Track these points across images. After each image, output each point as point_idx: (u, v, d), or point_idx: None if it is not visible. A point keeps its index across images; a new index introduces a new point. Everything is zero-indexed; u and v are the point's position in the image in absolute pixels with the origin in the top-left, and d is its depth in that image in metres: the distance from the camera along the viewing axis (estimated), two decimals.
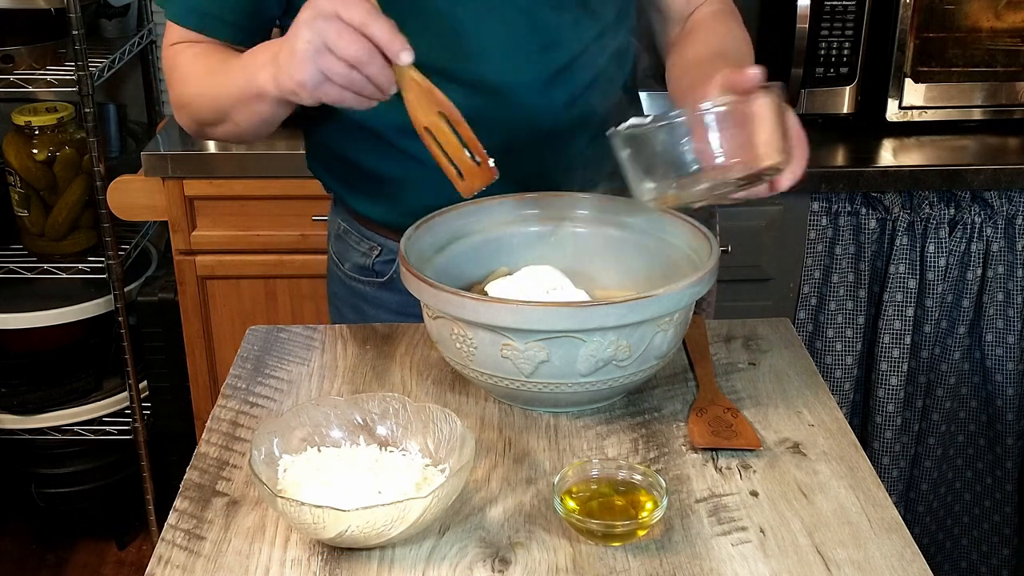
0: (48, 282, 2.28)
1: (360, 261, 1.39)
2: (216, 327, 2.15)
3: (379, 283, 1.38)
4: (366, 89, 1.03)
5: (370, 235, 1.37)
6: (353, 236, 1.39)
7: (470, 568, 0.90)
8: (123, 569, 2.48)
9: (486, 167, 1.09)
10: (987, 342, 2.08)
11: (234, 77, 1.17)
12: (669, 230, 1.20)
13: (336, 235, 1.43)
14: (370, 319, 1.38)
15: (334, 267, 1.45)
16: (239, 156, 2.04)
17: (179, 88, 1.26)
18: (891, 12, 2.04)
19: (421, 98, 1.07)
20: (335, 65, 1.02)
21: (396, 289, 1.35)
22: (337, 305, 1.46)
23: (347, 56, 1.01)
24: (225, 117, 1.20)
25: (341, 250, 1.42)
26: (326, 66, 1.02)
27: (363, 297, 1.40)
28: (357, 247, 1.39)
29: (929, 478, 2.19)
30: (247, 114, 1.17)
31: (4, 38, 2.18)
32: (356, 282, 1.40)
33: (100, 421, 2.39)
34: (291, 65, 1.04)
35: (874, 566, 0.91)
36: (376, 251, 1.37)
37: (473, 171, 1.09)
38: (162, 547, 0.94)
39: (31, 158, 2.20)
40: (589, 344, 1.02)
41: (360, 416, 1.03)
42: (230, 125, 1.21)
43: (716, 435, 1.07)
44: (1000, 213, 2.00)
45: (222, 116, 1.21)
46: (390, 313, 1.37)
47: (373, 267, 1.38)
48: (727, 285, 1.60)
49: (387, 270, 1.37)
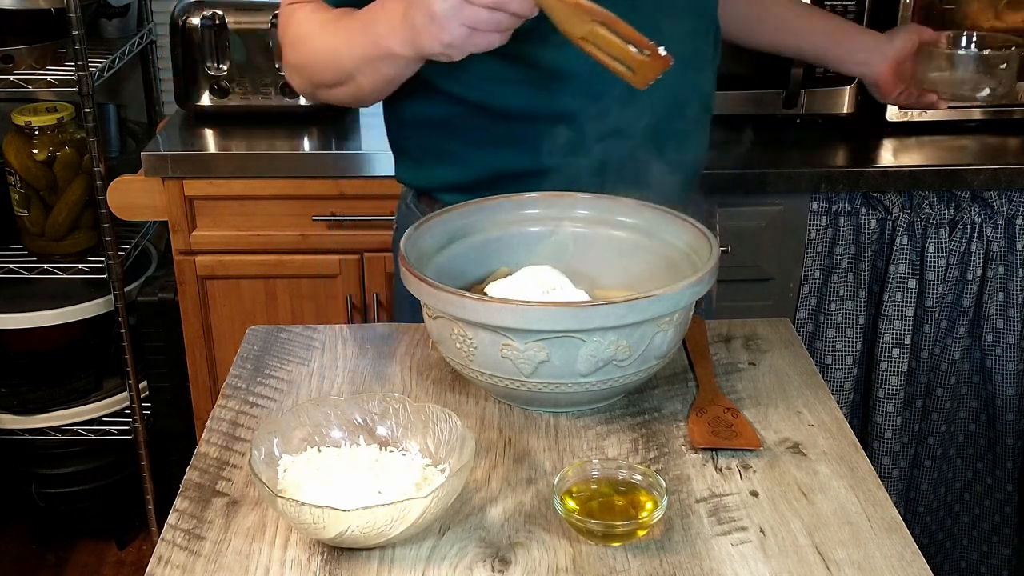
0: (48, 282, 2.28)
1: None
2: (216, 327, 2.15)
3: None
4: (512, 24, 1.05)
5: None
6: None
7: (470, 568, 0.90)
8: (123, 569, 2.48)
9: (656, 56, 1.08)
10: (987, 342, 2.08)
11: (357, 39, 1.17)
12: (669, 230, 1.20)
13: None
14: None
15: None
16: (239, 156, 2.04)
17: (293, 52, 1.26)
18: (891, 12, 2.04)
19: (567, 13, 1.06)
20: (479, 13, 1.03)
21: None
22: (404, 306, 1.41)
23: (488, 2, 1.02)
24: (347, 79, 1.21)
25: None
26: (471, 18, 1.03)
27: None
28: None
29: (929, 478, 2.19)
30: (373, 76, 1.18)
31: (4, 38, 2.18)
32: None
33: (100, 421, 2.38)
34: (432, 27, 1.05)
35: (874, 566, 0.91)
36: None
37: (643, 64, 1.08)
38: (162, 547, 0.94)
39: (31, 158, 2.20)
40: (589, 344, 1.02)
41: (360, 416, 1.03)
42: (352, 87, 1.20)
43: (716, 435, 1.07)
44: (1000, 213, 2.00)
45: (344, 78, 1.21)
46: None
47: None
48: (727, 285, 1.60)
49: None
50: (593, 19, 1.06)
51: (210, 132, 2.14)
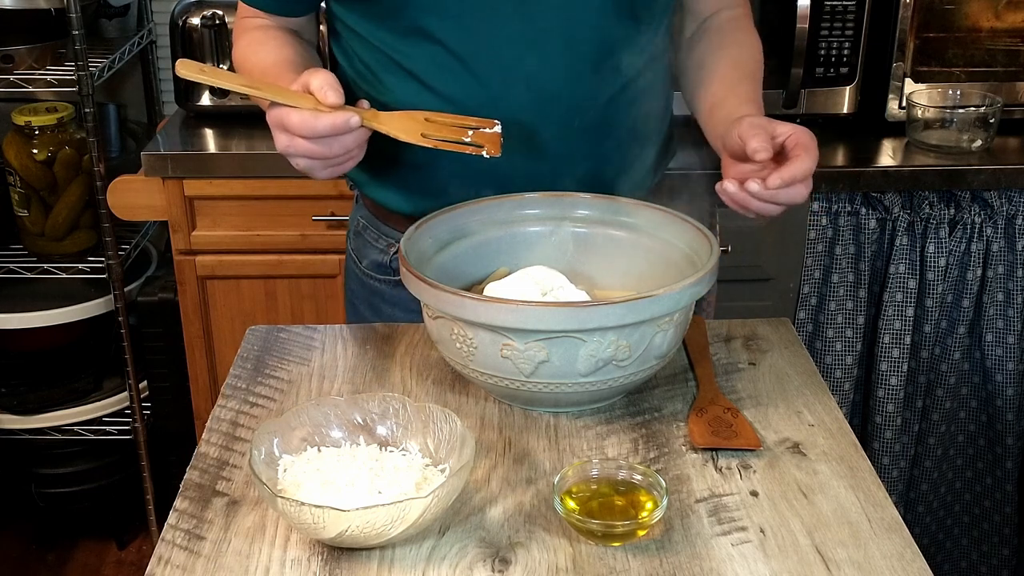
0: (48, 282, 2.28)
1: (377, 258, 1.39)
2: (216, 327, 2.15)
3: (395, 281, 1.38)
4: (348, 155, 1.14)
5: (388, 231, 1.38)
6: (371, 232, 1.40)
7: (470, 568, 0.90)
8: (123, 569, 2.48)
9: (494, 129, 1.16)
10: (987, 342, 2.08)
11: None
12: (669, 230, 1.20)
13: (355, 232, 1.44)
14: (386, 317, 1.38)
15: (352, 264, 1.45)
16: (239, 156, 2.04)
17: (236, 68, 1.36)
18: (891, 12, 2.04)
19: (396, 125, 1.16)
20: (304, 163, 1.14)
21: None
22: (354, 303, 1.47)
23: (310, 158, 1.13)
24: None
25: (359, 247, 1.43)
26: (302, 166, 1.15)
27: (380, 295, 1.41)
28: (375, 244, 1.40)
29: (929, 478, 2.19)
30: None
31: (4, 38, 2.18)
32: (373, 280, 1.41)
33: (100, 421, 2.38)
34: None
35: (874, 566, 0.91)
36: (394, 248, 1.37)
37: (486, 138, 1.16)
38: (162, 547, 0.94)
39: (31, 158, 2.20)
40: (589, 344, 1.02)
41: (360, 416, 1.03)
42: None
43: (716, 435, 1.07)
44: (1000, 213, 2.00)
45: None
46: (406, 311, 1.37)
47: (390, 264, 1.38)
48: (727, 285, 1.60)
49: None
50: (418, 119, 1.17)
51: (210, 132, 2.14)
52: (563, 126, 1.26)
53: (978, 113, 2.02)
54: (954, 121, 2.03)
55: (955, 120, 2.03)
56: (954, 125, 2.03)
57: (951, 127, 2.03)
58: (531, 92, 1.23)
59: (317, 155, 1.13)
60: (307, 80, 1.13)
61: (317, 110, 1.11)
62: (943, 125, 2.04)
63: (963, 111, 2.03)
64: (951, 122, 2.03)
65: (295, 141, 1.12)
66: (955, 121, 2.03)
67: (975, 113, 2.02)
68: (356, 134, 1.13)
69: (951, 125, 2.03)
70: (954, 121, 2.03)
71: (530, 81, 1.23)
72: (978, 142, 2.02)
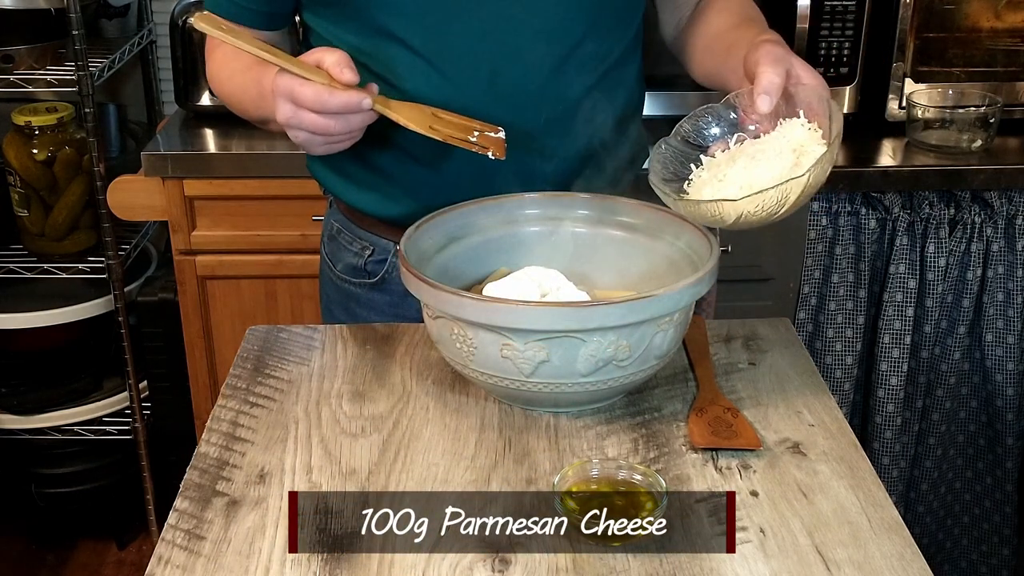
0: (48, 282, 2.28)
1: (352, 261, 1.39)
2: (216, 327, 2.15)
3: (370, 284, 1.38)
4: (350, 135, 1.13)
5: (363, 234, 1.38)
6: (345, 236, 1.40)
7: (470, 568, 0.90)
8: (123, 569, 2.48)
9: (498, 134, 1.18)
10: (987, 342, 2.08)
11: (249, 93, 1.25)
12: (669, 230, 1.20)
13: (329, 236, 1.44)
14: (361, 320, 1.38)
15: (326, 269, 1.45)
16: (239, 156, 2.04)
17: (212, 85, 1.36)
18: (891, 12, 2.04)
19: (406, 114, 1.15)
20: (304, 136, 1.12)
21: (387, 290, 1.36)
22: (330, 307, 1.46)
23: (313, 132, 1.11)
24: (264, 125, 1.29)
25: (333, 251, 1.42)
26: (301, 139, 1.13)
27: (354, 299, 1.40)
28: (349, 247, 1.39)
29: (929, 478, 2.19)
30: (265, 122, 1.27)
31: (4, 38, 2.18)
32: (347, 284, 1.41)
33: (100, 421, 2.38)
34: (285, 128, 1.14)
35: (874, 566, 0.91)
36: (368, 251, 1.37)
37: (491, 142, 1.17)
38: (162, 547, 0.94)
39: (31, 158, 2.21)
40: (589, 344, 1.02)
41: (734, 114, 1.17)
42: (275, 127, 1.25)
43: (716, 435, 1.07)
44: (1000, 213, 2.00)
45: (261, 124, 1.30)
46: (381, 315, 1.37)
47: (365, 267, 1.38)
48: (727, 285, 1.60)
49: (379, 270, 1.37)
50: (426, 112, 1.17)
51: (210, 132, 2.14)
52: (530, 122, 1.25)
53: (978, 113, 2.02)
54: (954, 121, 2.03)
55: (955, 120, 2.03)
56: (954, 125, 2.03)
57: (951, 127, 2.03)
58: (496, 88, 1.23)
59: (321, 130, 1.11)
60: (320, 56, 1.11)
61: (331, 86, 1.09)
62: (943, 125, 2.04)
63: (963, 111, 2.03)
64: (951, 122, 2.03)
65: (300, 113, 1.10)
66: (955, 121, 2.03)
67: (975, 113, 2.03)
68: (363, 116, 1.12)
69: (951, 125, 2.03)
70: (954, 121, 2.03)
71: (495, 77, 1.23)
72: (978, 142, 2.02)
